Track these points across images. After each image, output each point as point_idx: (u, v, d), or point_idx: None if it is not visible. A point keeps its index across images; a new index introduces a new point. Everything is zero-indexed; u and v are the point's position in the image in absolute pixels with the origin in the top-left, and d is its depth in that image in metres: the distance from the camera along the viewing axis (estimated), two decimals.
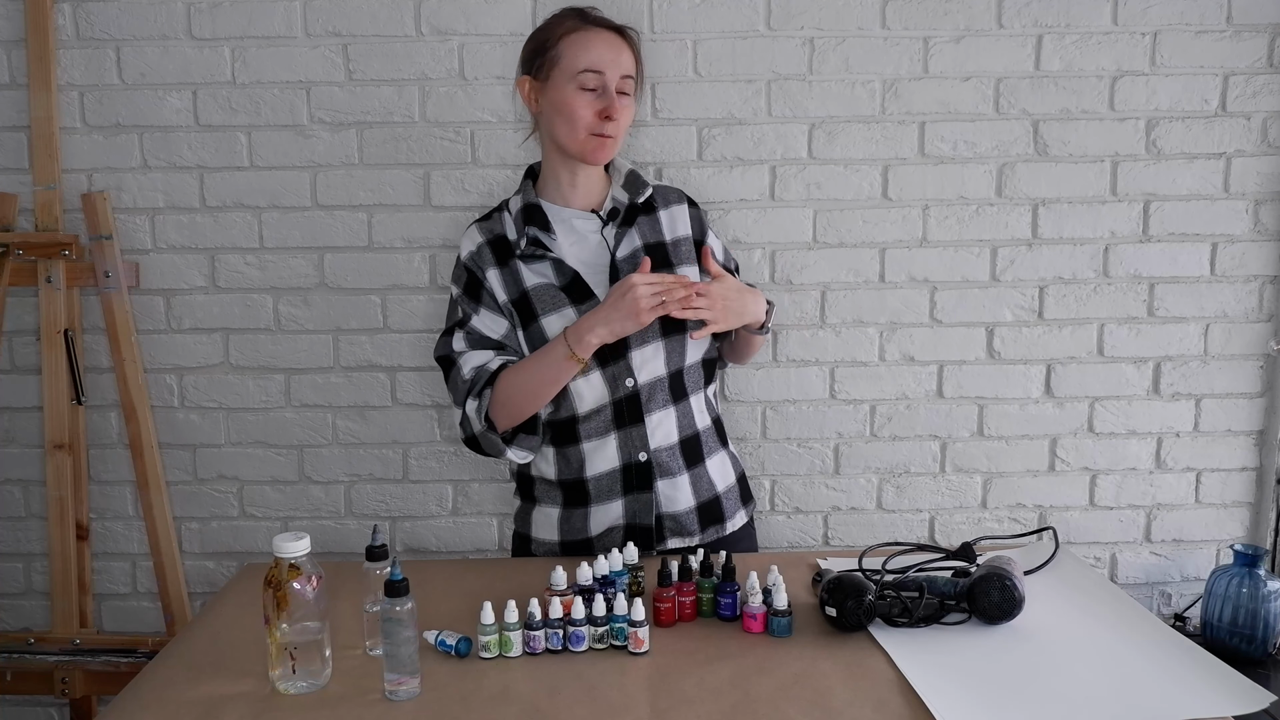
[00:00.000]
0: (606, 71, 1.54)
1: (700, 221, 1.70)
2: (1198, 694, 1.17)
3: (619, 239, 1.62)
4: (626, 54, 1.57)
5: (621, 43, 1.57)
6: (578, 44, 1.55)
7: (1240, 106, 2.05)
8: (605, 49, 1.55)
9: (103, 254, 2.02)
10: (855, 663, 1.26)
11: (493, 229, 1.64)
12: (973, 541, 1.57)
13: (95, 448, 2.14)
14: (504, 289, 1.60)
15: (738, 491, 1.71)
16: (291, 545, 1.19)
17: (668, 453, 1.61)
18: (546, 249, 1.59)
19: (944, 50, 2.03)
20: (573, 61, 1.54)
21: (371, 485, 2.17)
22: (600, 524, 1.61)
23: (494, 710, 1.16)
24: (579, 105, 1.54)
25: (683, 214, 1.68)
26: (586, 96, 1.54)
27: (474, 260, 1.62)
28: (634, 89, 1.59)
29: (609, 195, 1.66)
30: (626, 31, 1.59)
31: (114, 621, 2.21)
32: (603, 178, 1.67)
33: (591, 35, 1.56)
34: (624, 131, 1.60)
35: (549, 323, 1.57)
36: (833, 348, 2.13)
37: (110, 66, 2.02)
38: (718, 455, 1.69)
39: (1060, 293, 2.12)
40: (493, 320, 1.60)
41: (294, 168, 2.06)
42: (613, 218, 1.63)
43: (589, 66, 1.53)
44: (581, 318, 1.51)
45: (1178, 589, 2.23)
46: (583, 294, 1.58)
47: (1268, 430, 2.16)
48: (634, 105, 1.60)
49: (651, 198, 1.66)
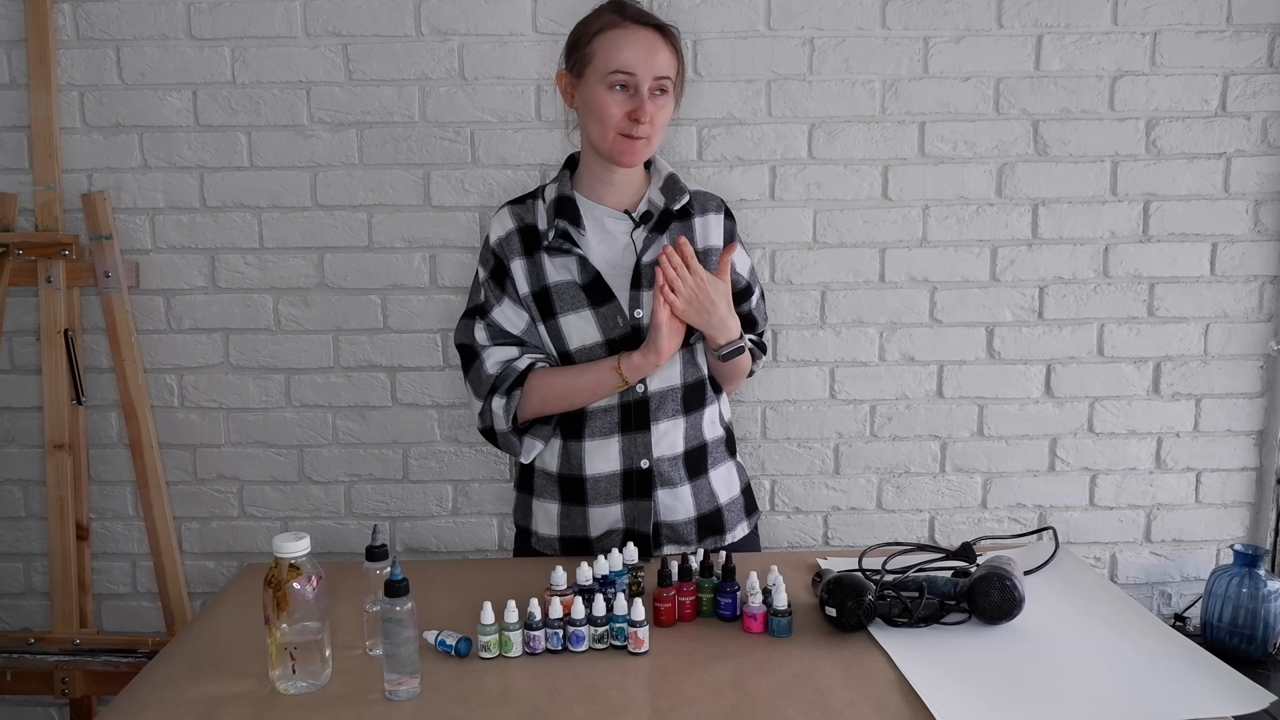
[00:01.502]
0: (638, 72, 1.49)
1: (732, 235, 1.66)
2: (1198, 694, 1.17)
3: (648, 243, 1.58)
4: (664, 53, 1.52)
5: (659, 41, 1.52)
6: (612, 42, 1.51)
7: (1240, 106, 2.05)
8: (640, 48, 1.50)
9: (103, 254, 2.02)
10: (855, 663, 1.26)
11: (523, 216, 1.61)
12: (973, 541, 1.57)
13: (95, 448, 2.14)
14: (527, 281, 1.58)
15: (741, 503, 1.70)
16: (291, 545, 1.19)
17: (670, 462, 1.60)
18: (574, 244, 1.56)
19: (944, 50, 2.03)
20: (605, 60, 1.50)
21: (371, 485, 2.17)
22: (599, 526, 1.61)
23: (494, 710, 1.16)
24: (609, 104, 1.51)
25: (717, 223, 1.64)
26: (617, 96, 1.51)
27: (502, 247, 1.60)
28: (674, 88, 1.55)
29: (645, 196, 1.61)
30: (667, 29, 1.54)
31: (114, 621, 2.21)
32: (641, 178, 1.63)
33: (627, 34, 1.51)
34: (659, 132, 1.55)
35: (567, 322, 1.56)
36: (833, 348, 2.13)
37: (110, 66, 2.02)
38: (724, 466, 1.67)
39: (1060, 293, 2.12)
40: (514, 313, 1.59)
41: (294, 168, 2.06)
42: (645, 220, 1.59)
43: (620, 67, 1.49)
44: (639, 355, 1.51)
45: (1178, 589, 2.23)
46: (603, 296, 1.56)
47: (1268, 430, 2.16)
48: (672, 105, 1.56)
49: (689, 204, 1.61)
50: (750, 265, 1.71)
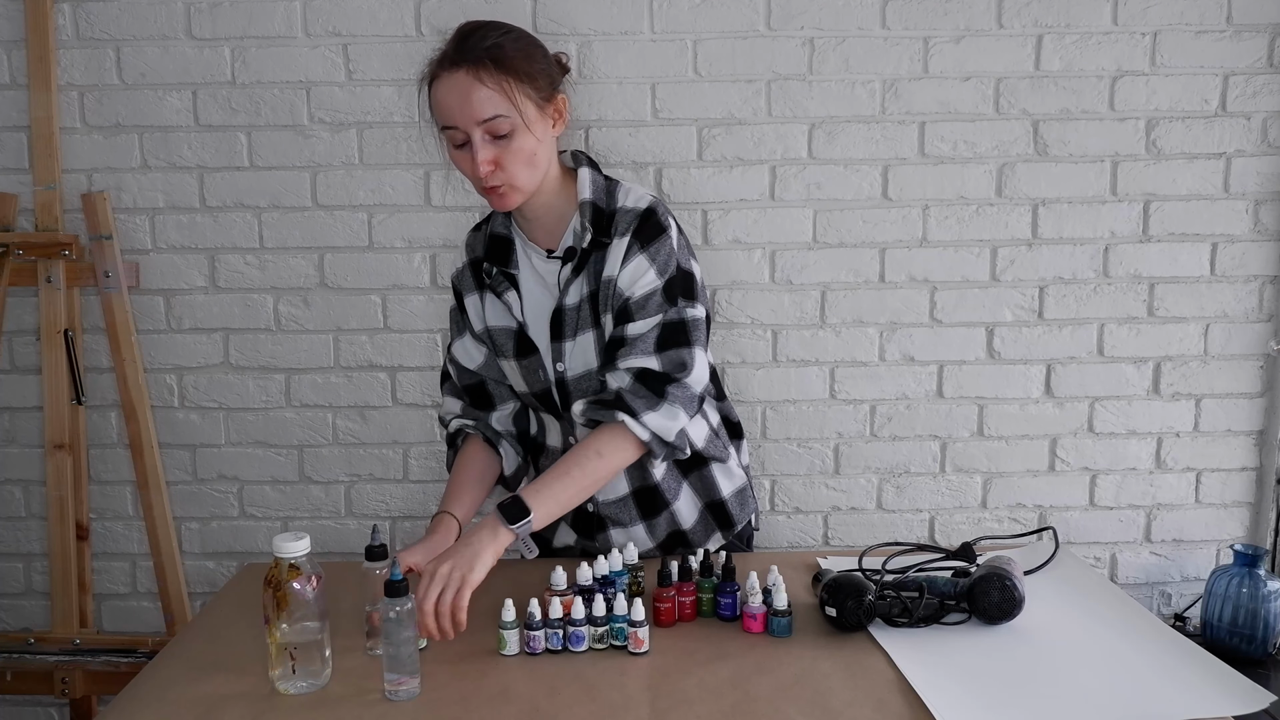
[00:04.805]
0: (458, 124, 1.32)
1: (628, 253, 1.40)
2: (1198, 694, 1.17)
3: (567, 284, 1.43)
4: (478, 91, 1.30)
5: (470, 81, 1.30)
6: (435, 94, 1.34)
7: (1240, 106, 2.05)
8: (452, 96, 1.31)
9: (103, 254, 2.02)
10: (855, 663, 1.26)
11: (475, 248, 1.54)
12: (973, 541, 1.57)
13: (95, 448, 2.14)
14: (478, 318, 1.53)
15: (709, 518, 1.60)
16: (291, 545, 1.19)
17: (617, 505, 1.54)
18: (509, 285, 1.48)
19: (944, 50, 2.03)
20: (436, 114, 1.35)
21: (371, 485, 2.17)
22: (562, 540, 1.62)
23: (494, 710, 1.16)
24: (458, 161, 1.37)
25: (620, 247, 1.40)
26: (460, 153, 1.35)
27: (459, 279, 1.56)
28: (517, 120, 1.32)
29: (570, 228, 1.44)
30: (480, 60, 1.30)
31: (114, 621, 2.21)
32: (568, 205, 1.45)
33: (442, 84, 1.33)
34: (525, 170, 1.35)
35: (504, 366, 1.53)
36: (833, 348, 2.13)
37: (110, 66, 2.02)
38: (683, 496, 1.56)
39: (1060, 293, 2.11)
40: (474, 347, 1.54)
41: (294, 168, 2.06)
42: (569, 258, 1.43)
43: (443, 122, 1.34)
44: (474, 542, 1.30)
45: (1178, 589, 2.23)
46: (526, 348, 1.48)
47: (1268, 430, 2.16)
48: (522, 140, 1.33)
49: (609, 228, 1.42)
50: (651, 288, 1.40)
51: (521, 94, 1.32)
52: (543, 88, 1.36)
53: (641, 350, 1.39)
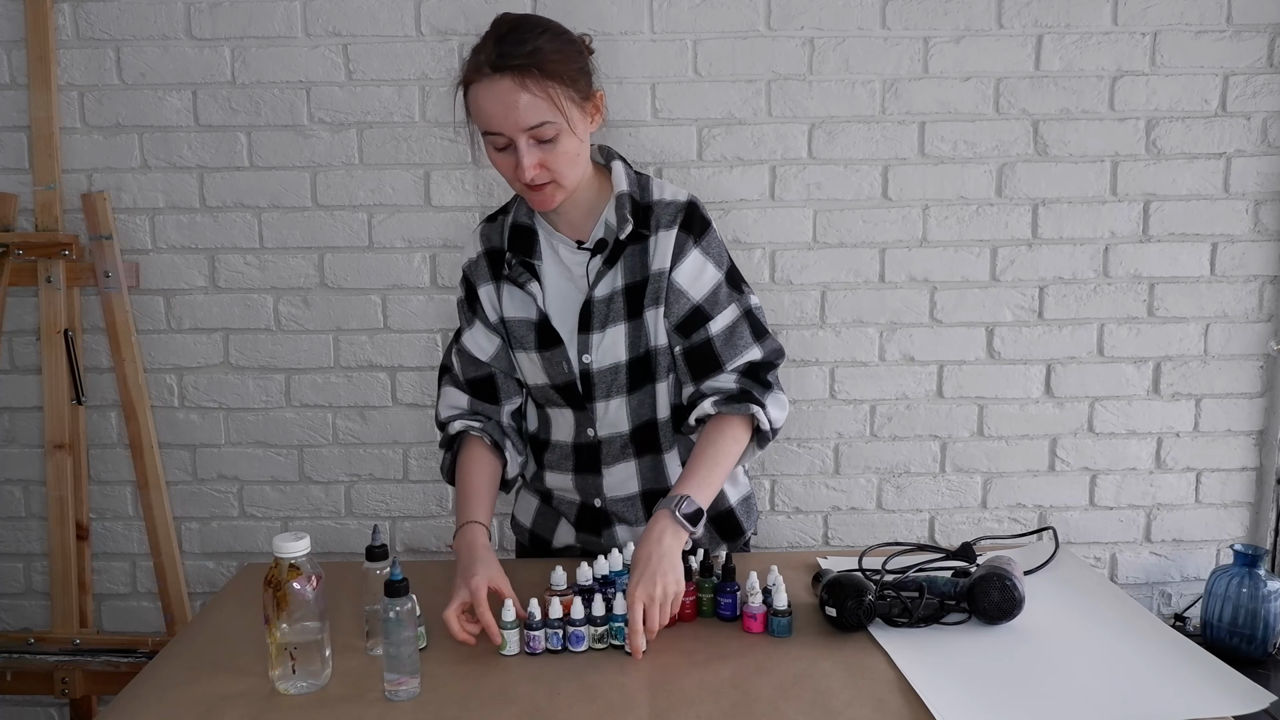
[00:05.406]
0: (504, 130, 1.30)
1: (682, 249, 1.42)
2: (1198, 694, 1.17)
3: (599, 276, 1.42)
4: (523, 98, 1.28)
5: (514, 88, 1.28)
6: (476, 97, 1.31)
7: (1240, 106, 2.05)
8: (495, 104, 1.29)
9: (103, 254, 2.02)
10: (855, 663, 1.26)
11: (491, 238, 1.50)
12: (973, 541, 1.57)
13: (95, 448, 2.14)
14: (492, 308, 1.49)
15: (712, 531, 1.59)
16: (291, 545, 1.18)
17: (625, 503, 1.53)
18: (531, 275, 1.45)
19: (944, 50, 2.03)
20: (477, 117, 1.33)
21: (371, 485, 2.17)
22: (561, 539, 1.61)
23: (494, 710, 1.16)
24: (498, 162, 1.35)
25: (668, 240, 1.41)
26: (501, 155, 1.34)
27: (472, 270, 1.51)
28: (563, 125, 1.31)
29: (602, 220, 1.44)
30: (526, 68, 1.28)
31: (114, 621, 2.21)
32: (597, 197, 1.45)
33: (483, 88, 1.30)
34: (568, 169, 1.35)
35: (519, 359, 1.50)
36: (833, 348, 2.13)
37: (110, 66, 2.02)
38: None
39: (1060, 293, 2.11)
40: (485, 338, 1.51)
41: (294, 168, 2.06)
42: (599, 249, 1.42)
43: (486, 127, 1.32)
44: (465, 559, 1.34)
45: (1178, 589, 2.23)
46: (549, 340, 1.45)
47: (1268, 430, 2.16)
48: (566, 143, 1.33)
49: (647, 220, 1.42)
50: (715, 282, 1.44)
51: (566, 99, 1.31)
52: (583, 88, 1.35)
53: (743, 345, 1.45)
